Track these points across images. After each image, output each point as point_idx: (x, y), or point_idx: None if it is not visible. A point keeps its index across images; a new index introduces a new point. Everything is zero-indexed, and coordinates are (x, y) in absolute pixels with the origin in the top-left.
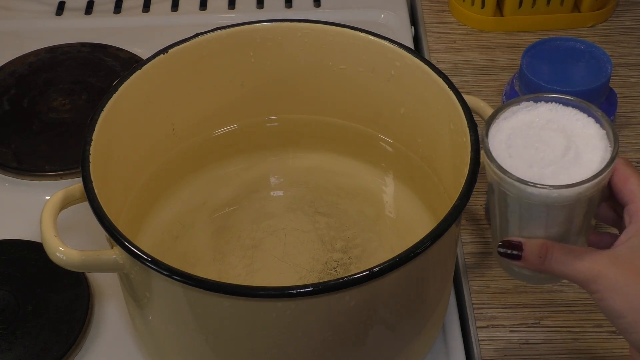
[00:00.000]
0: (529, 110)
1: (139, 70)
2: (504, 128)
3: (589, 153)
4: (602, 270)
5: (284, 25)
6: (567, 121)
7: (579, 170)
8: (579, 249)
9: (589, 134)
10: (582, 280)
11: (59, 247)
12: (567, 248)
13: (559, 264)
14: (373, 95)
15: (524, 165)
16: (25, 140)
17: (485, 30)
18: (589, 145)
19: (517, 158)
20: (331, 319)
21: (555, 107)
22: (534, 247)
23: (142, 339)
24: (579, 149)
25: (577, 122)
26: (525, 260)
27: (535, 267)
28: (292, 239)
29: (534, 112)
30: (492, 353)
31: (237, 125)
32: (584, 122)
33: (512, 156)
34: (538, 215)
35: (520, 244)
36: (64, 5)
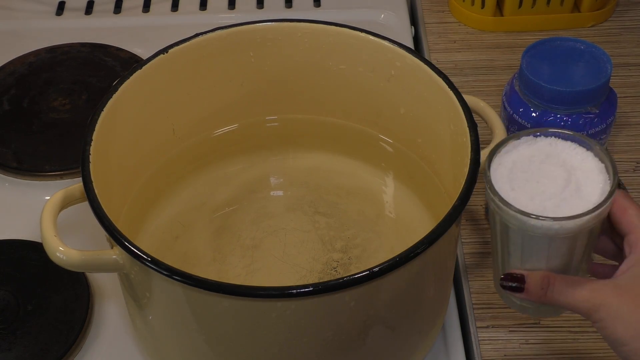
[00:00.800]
0: (529, 144)
1: (139, 70)
2: (506, 162)
3: (589, 186)
4: (604, 299)
5: (284, 25)
6: (567, 155)
7: (580, 203)
8: (581, 279)
9: (588, 168)
10: (585, 309)
11: (59, 247)
12: (568, 279)
13: (561, 294)
14: (373, 95)
15: (526, 198)
16: (25, 140)
17: (485, 30)
18: (589, 179)
19: (519, 191)
20: (331, 319)
21: (555, 142)
22: (536, 279)
23: (142, 339)
24: (579, 182)
25: (577, 155)
26: (528, 293)
27: (538, 298)
28: (292, 239)
29: (534, 147)
30: (492, 353)
31: (237, 125)
32: (583, 155)
33: (514, 189)
34: (540, 248)
35: (523, 276)
36: (64, 5)
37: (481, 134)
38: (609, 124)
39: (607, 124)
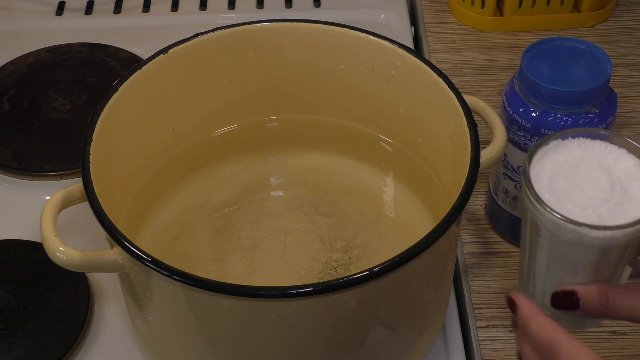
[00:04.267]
0: (558, 149)
1: (139, 70)
2: (542, 172)
3: (635, 185)
4: None
5: (284, 25)
6: (600, 156)
7: (633, 205)
8: (637, 287)
9: (627, 166)
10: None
11: (59, 247)
12: (626, 290)
13: (624, 308)
14: (373, 95)
15: (577, 209)
16: (25, 140)
17: (485, 30)
18: (632, 177)
19: (566, 202)
20: (331, 319)
21: (584, 142)
22: (594, 295)
23: (142, 339)
24: (622, 182)
25: (610, 154)
26: (586, 310)
27: (597, 314)
28: (292, 239)
29: (564, 150)
30: (492, 353)
31: (237, 125)
32: (616, 154)
33: (560, 200)
34: (595, 259)
35: (576, 293)
36: (64, 5)
37: (481, 134)
38: (609, 124)
39: (607, 124)
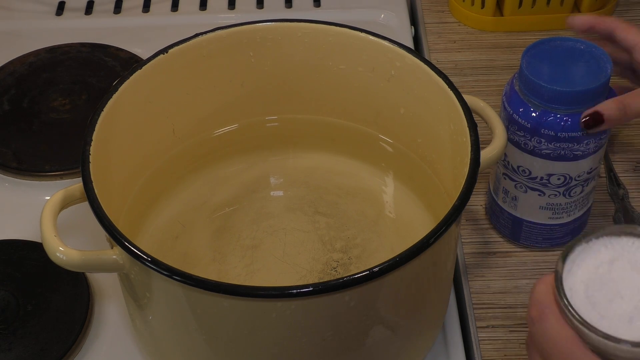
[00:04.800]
0: (586, 254)
1: (139, 70)
2: (575, 286)
3: None
4: None
5: (284, 25)
6: (630, 254)
7: None
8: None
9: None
10: None
11: (59, 247)
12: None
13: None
14: (373, 95)
15: (623, 323)
16: (25, 140)
17: (485, 30)
18: None
19: (610, 317)
20: (331, 319)
21: (610, 242)
22: (611, 105)
23: (142, 339)
24: None
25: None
26: (609, 120)
27: (621, 120)
28: (292, 239)
29: (591, 255)
30: (492, 353)
31: (237, 125)
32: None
33: (604, 316)
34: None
35: (597, 111)
36: (64, 5)
37: (481, 134)
38: None
39: None
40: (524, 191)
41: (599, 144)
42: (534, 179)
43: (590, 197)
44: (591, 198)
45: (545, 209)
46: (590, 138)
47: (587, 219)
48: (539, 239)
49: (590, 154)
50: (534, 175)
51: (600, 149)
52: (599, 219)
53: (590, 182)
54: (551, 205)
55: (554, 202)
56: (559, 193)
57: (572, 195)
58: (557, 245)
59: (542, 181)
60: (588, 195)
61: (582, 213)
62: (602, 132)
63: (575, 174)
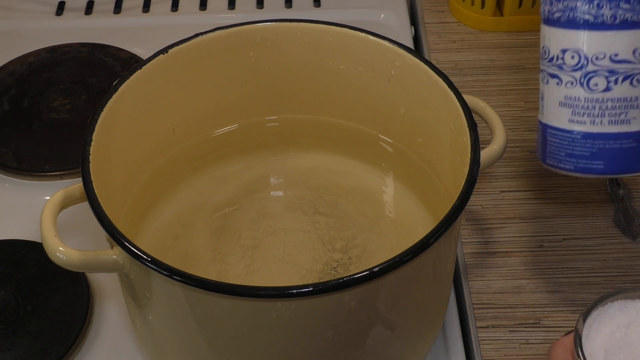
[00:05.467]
0: (602, 319)
1: (139, 70)
2: (595, 351)
3: None
4: None
5: (284, 25)
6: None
7: None
8: None
9: None
10: None
11: (59, 247)
12: None
13: None
14: (373, 95)
15: None
16: (25, 140)
17: (485, 30)
18: None
19: None
20: (331, 319)
21: (625, 305)
22: None
23: (142, 339)
24: None
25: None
26: None
27: None
28: (292, 239)
29: (608, 320)
30: (492, 353)
31: (237, 125)
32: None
33: None
34: None
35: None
36: (64, 5)
37: (481, 134)
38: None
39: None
40: (546, 81)
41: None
42: (551, 60)
43: (635, 114)
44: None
45: (564, 106)
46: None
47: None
48: (561, 154)
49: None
50: (551, 54)
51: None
52: (598, 219)
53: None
54: (569, 99)
55: (571, 94)
56: (576, 80)
57: (593, 89)
58: (583, 171)
59: (557, 62)
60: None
61: (618, 132)
62: None
63: (592, 53)
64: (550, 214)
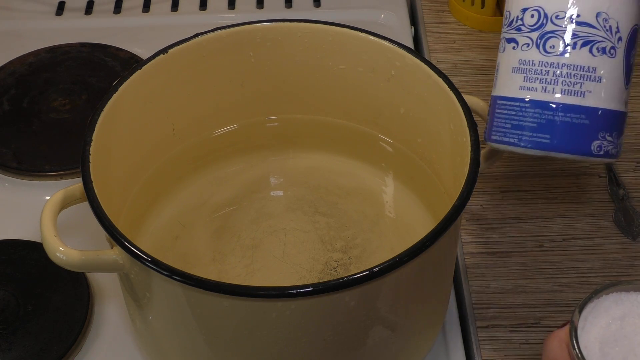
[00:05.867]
0: (597, 311)
1: (139, 70)
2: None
3: None
4: None
5: (284, 25)
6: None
7: None
8: None
9: None
10: None
11: (59, 247)
12: None
13: None
14: (373, 95)
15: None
16: (25, 140)
17: (485, 30)
18: None
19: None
20: (331, 319)
21: (619, 298)
22: None
23: (142, 339)
24: None
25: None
26: None
27: None
28: (292, 239)
29: (603, 313)
30: (492, 353)
31: (237, 125)
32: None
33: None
34: None
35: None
36: (64, 5)
37: (481, 134)
38: None
39: None
40: (502, 49)
41: None
42: (511, 24)
43: (601, 89)
44: (608, 93)
45: (517, 72)
46: None
47: (592, 136)
48: (507, 126)
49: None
50: (512, 16)
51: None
52: (598, 219)
53: (586, 47)
54: (523, 63)
55: (526, 57)
56: (532, 41)
57: (549, 52)
58: (527, 144)
59: (516, 24)
60: (583, 73)
61: (570, 103)
62: None
63: (553, 11)
64: (550, 214)
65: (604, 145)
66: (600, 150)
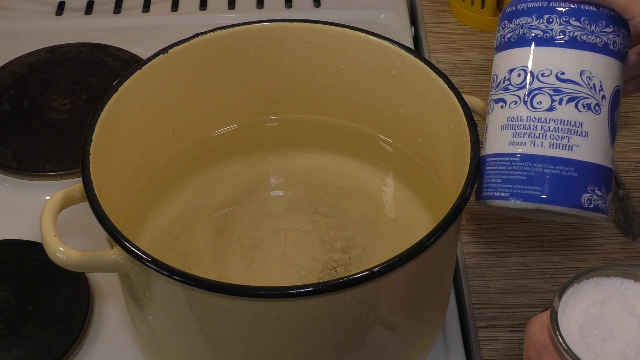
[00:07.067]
0: (578, 295)
1: (139, 70)
2: (570, 326)
3: None
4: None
5: (284, 25)
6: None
7: None
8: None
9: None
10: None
11: (59, 247)
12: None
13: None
14: (373, 95)
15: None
16: (25, 140)
17: (485, 30)
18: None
19: (604, 356)
20: (331, 319)
21: (599, 282)
22: None
23: (142, 339)
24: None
25: (628, 291)
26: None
27: None
28: (292, 239)
29: (583, 297)
30: (492, 353)
31: (237, 125)
32: (635, 289)
33: (598, 355)
34: None
35: None
36: (64, 5)
37: (481, 134)
38: None
39: None
40: (490, 110)
41: (571, 30)
42: (498, 86)
43: (588, 143)
44: (595, 147)
45: (506, 129)
46: (558, 15)
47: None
48: (497, 181)
49: (563, 43)
50: (498, 79)
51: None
52: None
53: (572, 102)
54: (511, 120)
55: (514, 114)
56: (520, 99)
57: (536, 107)
58: (518, 197)
59: (504, 84)
60: (570, 128)
61: (559, 156)
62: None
63: (538, 69)
64: None
65: (593, 199)
66: (590, 204)
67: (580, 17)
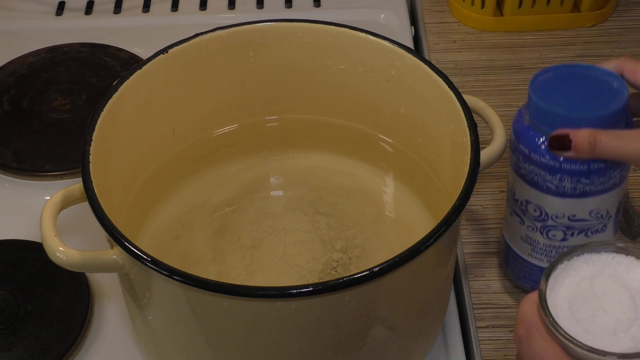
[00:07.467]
0: (568, 272)
1: (139, 70)
2: (559, 302)
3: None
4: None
5: (284, 25)
6: (610, 269)
7: None
8: (627, 132)
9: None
10: (634, 159)
11: (59, 247)
12: (614, 133)
13: (608, 147)
14: (373, 95)
15: (608, 336)
16: (25, 140)
17: (485, 30)
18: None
19: (594, 331)
20: (331, 319)
21: (591, 258)
22: (583, 135)
23: (142, 339)
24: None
25: (619, 265)
26: (576, 150)
27: (587, 154)
28: (292, 239)
29: (573, 273)
30: (492, 353)
31: (237, 125)
32: (626, 263)
33: (588, 331)
34: None
35: (568, 135)
36: (64, 5)
37: (481, 134)
38: None
39: None
40: (510, 212)
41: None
42: (516, 202)
43: None
44: None
45: (525, 242)
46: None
47: None
48: (521, 274)
49: (574, 195)
50: (516, 196)
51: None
52: None
53: (582, 233)
54: (529, 239)
55: (532, 236)
56: (536, 228)
57: (551, 239)
58: None
59: (521, 206)
60: None
61: None
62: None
63: (552, 212)
64: None
65: None
66: None
67: (590, 176)
